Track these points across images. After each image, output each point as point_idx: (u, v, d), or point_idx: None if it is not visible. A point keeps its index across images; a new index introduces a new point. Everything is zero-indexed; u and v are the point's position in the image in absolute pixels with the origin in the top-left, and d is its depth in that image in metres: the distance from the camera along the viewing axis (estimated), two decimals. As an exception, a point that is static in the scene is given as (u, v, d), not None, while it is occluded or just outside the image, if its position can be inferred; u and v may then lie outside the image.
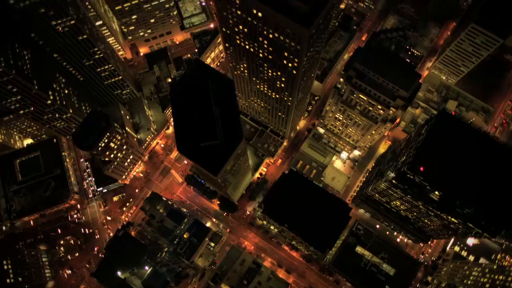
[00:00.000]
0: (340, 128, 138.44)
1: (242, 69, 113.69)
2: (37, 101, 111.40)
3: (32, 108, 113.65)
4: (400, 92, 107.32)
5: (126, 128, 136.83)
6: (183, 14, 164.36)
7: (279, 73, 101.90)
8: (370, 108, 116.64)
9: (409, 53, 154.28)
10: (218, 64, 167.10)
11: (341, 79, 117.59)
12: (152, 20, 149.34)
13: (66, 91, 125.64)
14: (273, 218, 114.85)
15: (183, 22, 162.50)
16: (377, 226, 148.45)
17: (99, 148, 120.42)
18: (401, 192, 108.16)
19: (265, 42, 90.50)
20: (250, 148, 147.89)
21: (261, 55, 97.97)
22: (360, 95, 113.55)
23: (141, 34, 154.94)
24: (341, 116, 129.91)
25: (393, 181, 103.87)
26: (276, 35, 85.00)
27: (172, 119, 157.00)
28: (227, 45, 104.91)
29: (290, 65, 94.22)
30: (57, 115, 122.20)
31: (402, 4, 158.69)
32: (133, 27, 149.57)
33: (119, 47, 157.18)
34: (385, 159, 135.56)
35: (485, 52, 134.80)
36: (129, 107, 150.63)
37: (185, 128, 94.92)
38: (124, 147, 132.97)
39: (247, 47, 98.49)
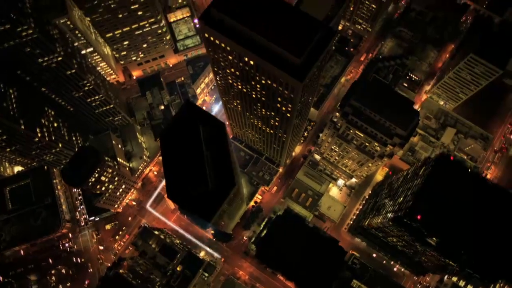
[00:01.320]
0: (336, 158, 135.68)
1: (235, 104, 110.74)
2: (24, 140, 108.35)
3: (18, 146, 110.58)
4: (398, 130, 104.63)
5: (118, 159, 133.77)
6: (177, 36, 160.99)
7: (272, 113, 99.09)
8: (367, 144, 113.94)
9: (407, 77, 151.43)
10: (212, 88, 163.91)
11: (337, 114, 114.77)
12: (145, 45, 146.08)
13: (55, 124, 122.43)
14: (267, 264, 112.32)
15: (176, 45, 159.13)
16: (374, 255, 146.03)
17: (89, 184, 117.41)
18: (398, 232, 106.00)
19: (258, 86, 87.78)
20: (244, 176, 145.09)
21: (254, 96, 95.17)
22: (356, 132, 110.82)
23: (134, 58, 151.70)
24: (337, 148, 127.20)
25: (390, 223, 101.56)
26: (269, 82, 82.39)
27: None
28: (219, 82, 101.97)
29: (283, 108, 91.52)
30: (46, 151, 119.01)
31: (400, 27, 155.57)
32: (125, 52, 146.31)
33: (111, 71, 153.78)
34: (382, 190, 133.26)
35: (484, 81, 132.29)
36: (121, 134, 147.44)
37: (175, 174, 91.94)
38: (116, 178, 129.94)
39: (239, 87, 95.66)
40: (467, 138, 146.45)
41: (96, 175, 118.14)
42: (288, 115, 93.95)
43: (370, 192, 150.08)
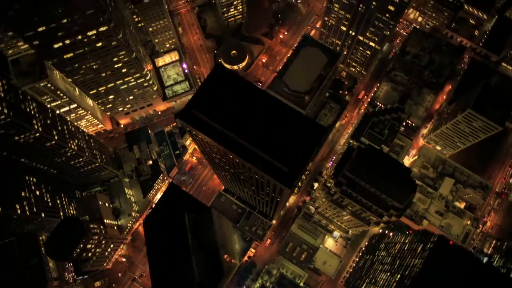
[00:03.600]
0: (331, 214, 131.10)
1: (223, 174, 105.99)
2: (2, 219, 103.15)
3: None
4: (395, 203, 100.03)
5: (105, 220, 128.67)
6: (165, 82, 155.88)
7: (262, 193, 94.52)
8: (363, 213, 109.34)
9: (404, 123, 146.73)
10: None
11: (331, 180, 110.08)
12: (131, 97, 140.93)
13: (37, 192, 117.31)
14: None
15: (164, 92, 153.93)
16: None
17: (74, 255, 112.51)
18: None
19: (245, 173, 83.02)
20: (236, 231, 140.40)
21: (242, 177, 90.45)
22: (351, 202, 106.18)
23: (120, 109, 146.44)
24: (331, 210, 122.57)
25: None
26: (256, 177, 77.80)
27: (154, 200, 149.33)
28: (205, 157, 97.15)
29: (273, 195, 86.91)
30: (28, 223, 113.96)
31: (395, 71, 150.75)
32: (110, 105, 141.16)
33: (97, 122, 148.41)
34: (378, 249, 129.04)
35: (483, 135, 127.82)
36: (108, 189, 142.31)
37: (160, 265, 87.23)
38: (103, 241, 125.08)
39: (226, 167, 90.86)
40: (466, 187, 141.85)
41: (81, 245, 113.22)
42: (278, 199, 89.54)
43: (366, 243, 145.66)
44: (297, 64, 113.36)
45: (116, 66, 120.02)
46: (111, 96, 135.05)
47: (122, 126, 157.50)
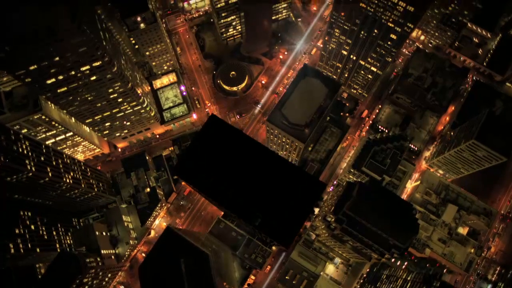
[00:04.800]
0: (332, 245, 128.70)
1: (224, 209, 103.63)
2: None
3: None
4: (397, 243, 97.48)
5: (102, 251, 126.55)
6: (163, 105, 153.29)
7: (258, 235, 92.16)
8: (364, 249, 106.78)
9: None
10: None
11: (331, 216, 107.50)
12: (128, 123, 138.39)
13: (32, 227, 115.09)
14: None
15: (162, 115, 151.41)
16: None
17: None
18: None
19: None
20: (236, 259, 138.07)
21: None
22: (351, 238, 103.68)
23: (117, 135, 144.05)
24: (332, 241, 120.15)
25: None
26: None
27: (152, 227, 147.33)
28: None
29: (270, 241, 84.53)
30: (22, 259, 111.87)
31: (397, 93, 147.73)
32: (107, 131, 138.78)
33: (94, 147, 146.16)
34: (381, 281, 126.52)
35: (488, 164, 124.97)
36: (106, 217, 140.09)
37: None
38: (100, 273, 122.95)
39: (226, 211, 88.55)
40: (470, 214, 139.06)
41: (78, 281, 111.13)
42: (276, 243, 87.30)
43: (368, 269, 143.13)
44: (297, 95, 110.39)
45: (111, 96, 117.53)
46: (108, 124, 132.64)
47: (119, 150, 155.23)
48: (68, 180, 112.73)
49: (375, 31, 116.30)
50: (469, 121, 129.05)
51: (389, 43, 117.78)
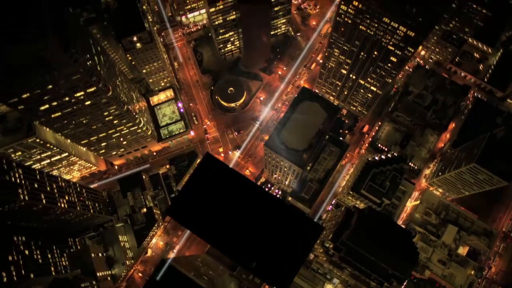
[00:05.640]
0: (331, 268, 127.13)
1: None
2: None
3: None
4: (396, 272, 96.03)
5: (98, 274, 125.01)
6: (160, 121, 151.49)
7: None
8: (362, 276, 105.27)
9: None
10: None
11: (330, 243, 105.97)
12: (125, 143, 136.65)
13: (26, 252, 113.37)
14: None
15: (159, 132, 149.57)
16: None
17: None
18: None
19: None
20: (233, 280, 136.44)
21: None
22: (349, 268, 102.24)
23: (114, 153, 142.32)
24: (330, 266, 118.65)
25: None
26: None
27: (149, 246, 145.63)
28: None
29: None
30: (16, 286, 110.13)
31: (397, 112, 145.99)
32: (103, 151, 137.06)
33: (90, 165, 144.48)
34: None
35: (489, 187, 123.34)
36: (102, 237, 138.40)
37: None
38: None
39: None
40: (470, 234, 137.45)
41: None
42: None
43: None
44: (295, 120, 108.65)
45: (107, 119, 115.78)
46: (104, 143, 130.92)
47: (116, 167, 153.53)
48: (62, 205, 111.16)
49: (375, 53, 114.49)
50: (470, 142, 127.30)
51: (389, 65, 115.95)
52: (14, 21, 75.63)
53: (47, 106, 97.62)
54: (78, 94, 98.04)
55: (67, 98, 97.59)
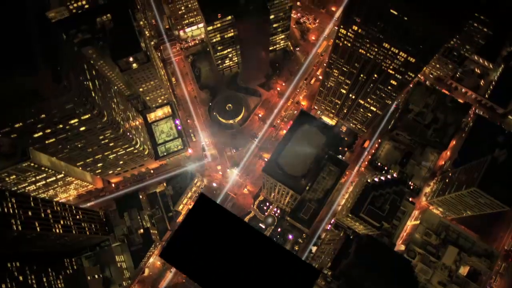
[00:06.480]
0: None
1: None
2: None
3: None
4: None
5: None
6: (157, 139, 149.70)
7: None
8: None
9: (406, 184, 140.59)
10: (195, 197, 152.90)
11: (329, 270, 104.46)
12: (121, 162, 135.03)
13: (21, 278, 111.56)
14: None
15: (157, 149, 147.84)
16: None
17: None
18: None
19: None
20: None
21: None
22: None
23: (110, 172, 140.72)
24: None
25: None
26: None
27: (146, 265, 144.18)
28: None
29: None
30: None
31: (397, 130, 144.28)
32: (100, 170, 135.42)
33: (87, 183, 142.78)
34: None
35: (490, 210, 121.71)
36: (98, 258, 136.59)
37: None
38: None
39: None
40: (471, 255, 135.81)
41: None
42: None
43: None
44: (293, 145, 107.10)
45: (103, 142, 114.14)
46: (100, 164, 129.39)
47: (113, 185, 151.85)
48: (58, 230, 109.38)
49: (375, 75, 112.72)
50: (471, 164, 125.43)
51: (389, 87, 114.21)
52: (5, 54, 73.93)
53: (40, 133, 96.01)
54: (72, 122, 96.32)
55: (61, 126, 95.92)
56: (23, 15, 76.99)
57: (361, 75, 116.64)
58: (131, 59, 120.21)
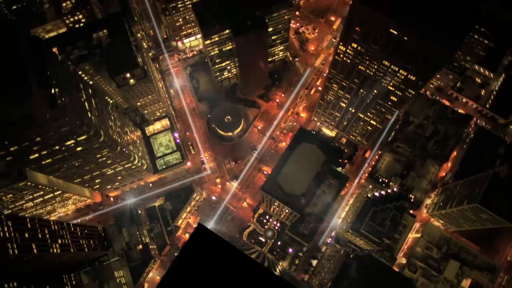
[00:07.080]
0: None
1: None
2: None
3: None
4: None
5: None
6: (156, 152, 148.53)
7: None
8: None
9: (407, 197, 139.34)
10: (197, 208, 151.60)
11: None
12: (119, 178, 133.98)
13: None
14: None
15: (155, 163, 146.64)
16: None
17: None
18: None
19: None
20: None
21: None
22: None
23: (109, 187, 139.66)
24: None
25: None
26: None
27: (146, 280, 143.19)
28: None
29: None
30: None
31: (397, 142, 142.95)
32: (98, 186, 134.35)
33: (85, 198, 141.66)
34: None
35: (492, 225, 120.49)
36: (97, 273, 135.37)
37: None
38: None
39: None
40: (472, 269, 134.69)
41: None
42: None
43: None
44: (292, 163, 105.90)
45: (100, 160, 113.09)
46: (97, 180, 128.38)
47: (112, 199, 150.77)
48: (55, 250, 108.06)
49: (375, 91, 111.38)
50: (472, 178, 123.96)
51: (389, 103, 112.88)
52: (-1, 81, 72.97)
53: (36, 155, 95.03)
54: (68, 143, 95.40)
55: (57, 147, 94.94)
56: (15, 41, 75.90)
57: (361, 90, 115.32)
58: (128, 75, 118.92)
